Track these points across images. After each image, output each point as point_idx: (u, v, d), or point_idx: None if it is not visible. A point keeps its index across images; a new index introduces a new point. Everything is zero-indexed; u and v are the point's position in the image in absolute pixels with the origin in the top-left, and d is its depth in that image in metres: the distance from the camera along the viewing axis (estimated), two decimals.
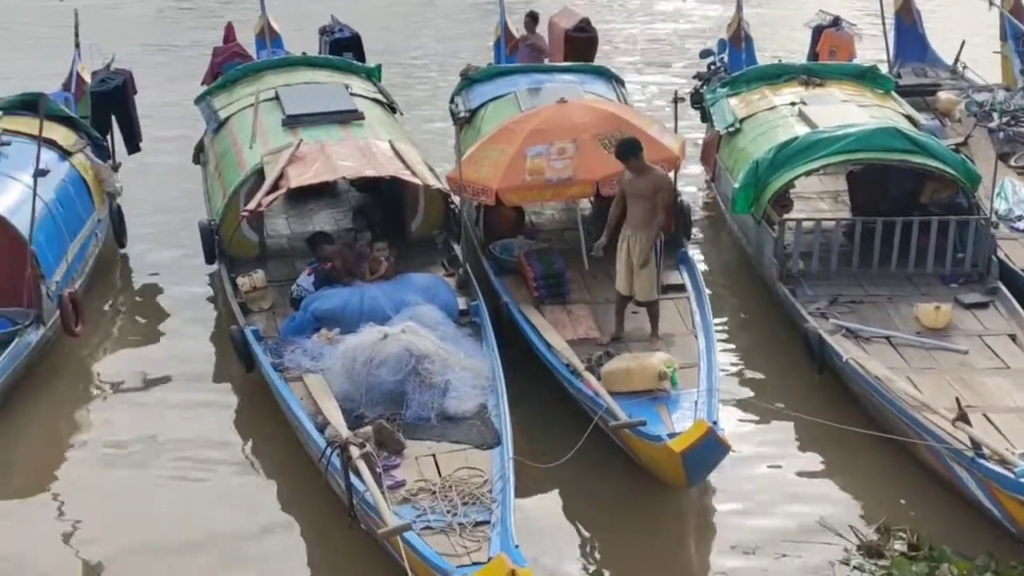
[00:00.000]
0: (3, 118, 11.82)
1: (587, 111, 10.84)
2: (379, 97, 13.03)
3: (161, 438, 9.41)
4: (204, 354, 10.75)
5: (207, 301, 11.75)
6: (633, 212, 9.39)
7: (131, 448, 9.29)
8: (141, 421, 9.69)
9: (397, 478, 7.79)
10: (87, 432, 9.65)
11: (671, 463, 7.86)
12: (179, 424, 9.61)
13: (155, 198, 13.92)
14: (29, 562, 8.02)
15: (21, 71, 17.88)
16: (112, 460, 9.17)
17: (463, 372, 8.82)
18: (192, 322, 11.36)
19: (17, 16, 23.27)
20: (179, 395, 10.09)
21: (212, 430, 9.53)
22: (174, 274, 12.31)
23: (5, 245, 9.98)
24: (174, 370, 10.48)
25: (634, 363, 8.88)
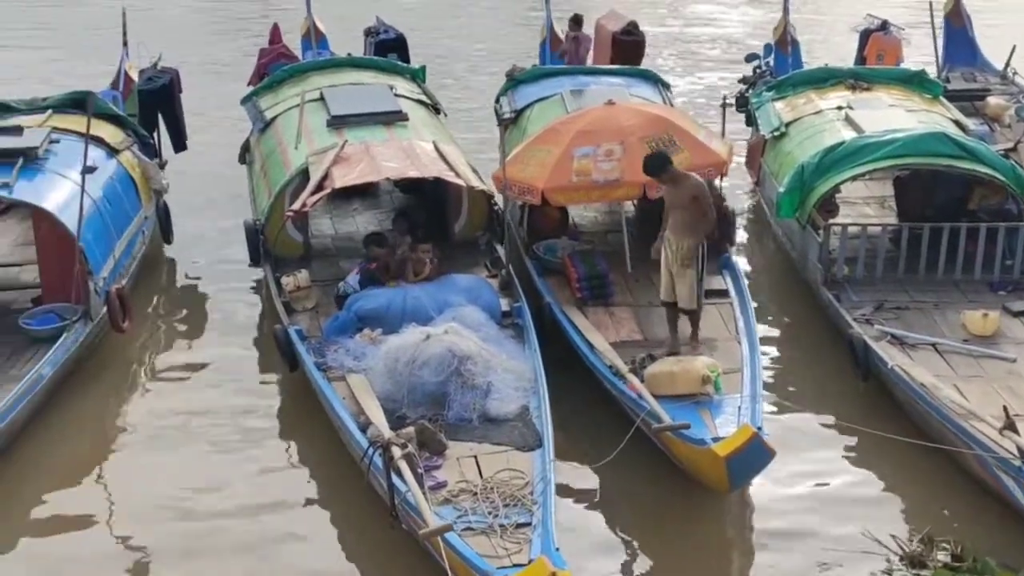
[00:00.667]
0: (52, 116, 11.94)
1: (635, 113, 10.84)
2: (423, 98, 13.09)
3: (205, 435, 9.48)
4: (248, 353, 10.82)
5: (251, 300, 11.83)
6: (672, 219, 9.33)
7: (175, 444, 9.37)
8: (185, 418, 9.77)
9: (439, 479, 7.80)
10: (132, 428, 9.72)
11: (714, 467, 7.82)
12: (223, 422, 9.67)
13: (201, 197, 14.03)
14: (74, 554, 8.12)
15: (69, 70, 18.13)
16: (155, 457, 9.24)
17: (505, 373, 8.82)
18: (236, 321, 11.45)
19: (66, 16, 23.59)
20: (223, 393, 10.15)
21: (255, 428, 9.58)
22: (219, 272, 12.40)
23: (54, 242, 10.09)
24: (218, 368, 10.57)
25: (678, 367, 8.85)
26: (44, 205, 10.15)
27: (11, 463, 8.91)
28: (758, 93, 13.63)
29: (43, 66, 19.39)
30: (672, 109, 12.35)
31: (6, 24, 22.94)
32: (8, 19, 23.44)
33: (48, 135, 11.10)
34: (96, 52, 18.30)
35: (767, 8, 23.37)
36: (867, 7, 17.89)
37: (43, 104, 12.33)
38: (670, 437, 8.24)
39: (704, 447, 7.91)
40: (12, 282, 11.18)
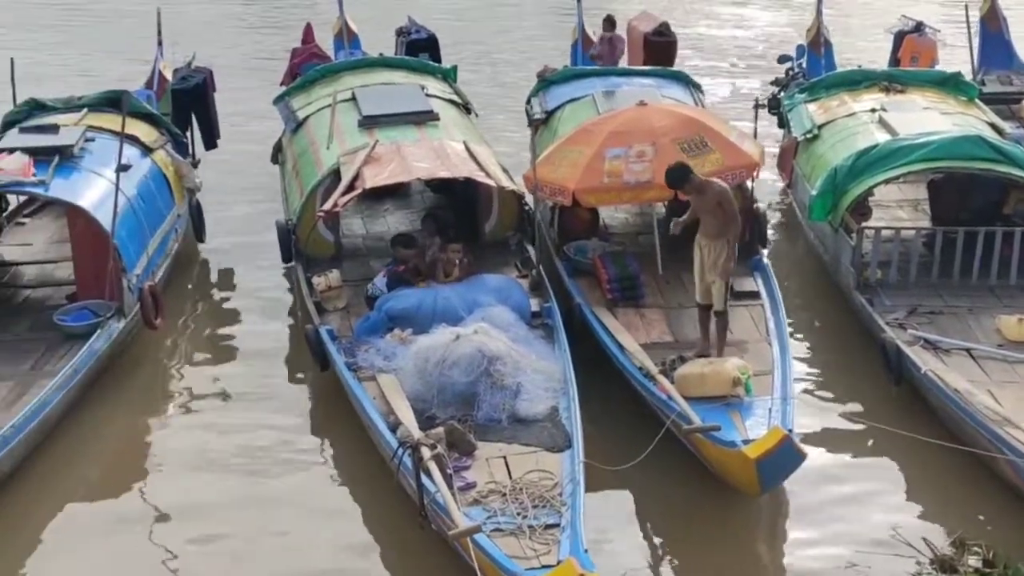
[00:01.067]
0: (88, 115, 12.05)
1: (667, 115, 10.81)
2: (454, 98, 13.09)
3: (235, 433, 9.53)
4: (279, 352, 10.87)
5: (283, 299, 11.88)
6: (704, 224, 9.27)
7: (205, 442, 9.42)
8: (216, 415, 9.85)
9: (468, 479, 7.81)
10: (163, 426, 9.80)
11: (745, 470, 7.80)
12: (253, 420, 9.71)
13: (233, 196, 14.10)
14: (105, 552, 8.20)
15: (104, 69, 18.27)
16: (186, 454, 9.30)
17: (535, 374, 8.82)
18: (268, 320, 11.50)
19: (102, 15, 23.78)
20: (253, 391, 10.20)
21: (286, 427, 9.62)
22: (251, 271, 12.47)
23: (89, 239, 10.19)
24: (249, 366, 10.63)
25: (708, 368, 8.82)
26: (79, 203, 10.25)
27: (45, 458, 8.99)
28: (791, 95, 13.55)
29: (78, 65, 19.56)
30: (703, 110, 12.31)
31: (42, 24, 23.14)
32: (44, 19, 23.65)
33: (83, 133, 11.21)
34: (130, 51, 18.43)
35: (799, 10, 23.23)
36: (902, 9, 17.75)
37: (79, 103, 12.44)
38: (700, 439, 8.22)
39: (734, 449, 7.88)
40: (47, 279, 11.30)
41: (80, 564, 8.08)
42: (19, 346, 9.83)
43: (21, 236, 12.36)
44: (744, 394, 8.64)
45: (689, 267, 10.54)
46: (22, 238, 12.31)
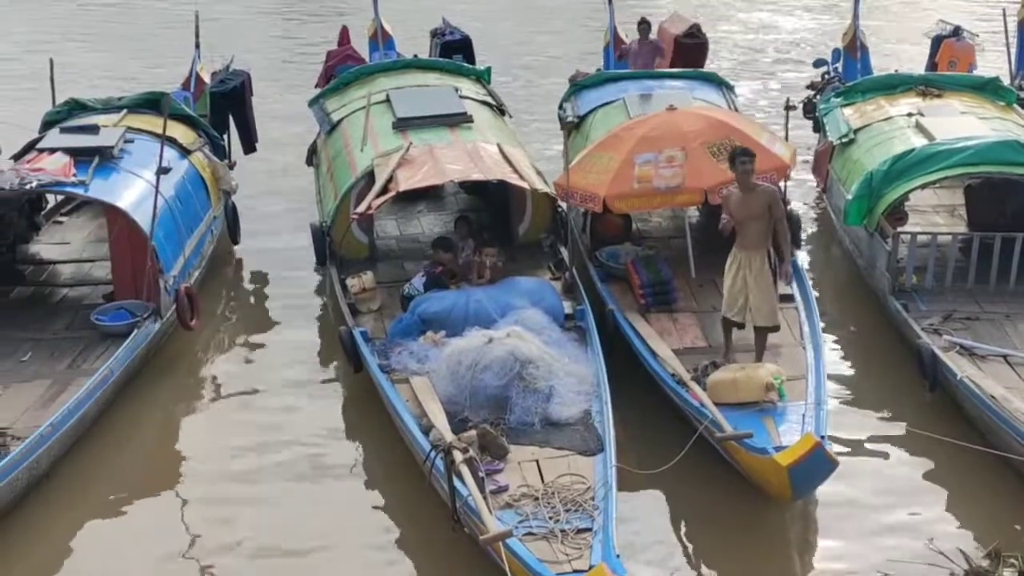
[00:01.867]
0: (127, 116, 12.17)
1: (696, 118, 10.76)
2: (488, 100, 13.10)
3: (268, 434, 9.54)
4: (313, 353, 10.90)
5: (316, 301, 11.92)
6: (747, 232, 9.08)
7: (239, 443, 9.44)
8: (250, 416, 9.88)
9: (500, 483, 7.80)
10: (198, 424, 9.85)
11: (777, 477, 7.74)
12: (286, 421, 9.73)
13: (268, 198, 14.17)
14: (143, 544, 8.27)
15: (140, 72, 18.43)
16: (220, 453, 9.33)
17: (567, 378, 8.80)
18: (301, 321, 11.52)
19: (139, 19, 24.00)
20: (287, 392, 10.22)
21: (319, 428, 9.64)
22: (285, 273, 12.50)
23: (127, 240, 10.28)
24: (283, 368, 10.65)
25: (741, 374, 8.77)
26: (119, 204, 10.34)
27: (82, 456, 9.07)
28: (826, 99, 13.46)
29: (116, 67, 19.73)
30: (734, 113, 12.23)
31: (80, 27, 23.39)
32: (82, 22, 23.90)
33: (123, 135, 11.31)
34: (167, 54, 18.57)
35: (836, 13, 23.09)
36: (939, 13, 17.61)
37: (118, 104, 12.58)
38: (733, 446, 8.17)
39: (766, 456, 7.83)
40: (84, 278, 11.43)
41: (115, 560, 8.13)
42: (57, 344, 9.93)
43: (59, 235, 12.51)
44: (777, 399, 8.59)
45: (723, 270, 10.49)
46: (60, 237, 12.46)
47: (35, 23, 23.42)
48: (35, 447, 8.30)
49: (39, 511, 8.47)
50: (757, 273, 9.11)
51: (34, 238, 12.29)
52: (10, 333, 10.07)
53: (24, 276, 11.43)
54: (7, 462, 8.04)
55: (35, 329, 10.22)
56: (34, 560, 8.04)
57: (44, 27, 22.88)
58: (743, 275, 9.15)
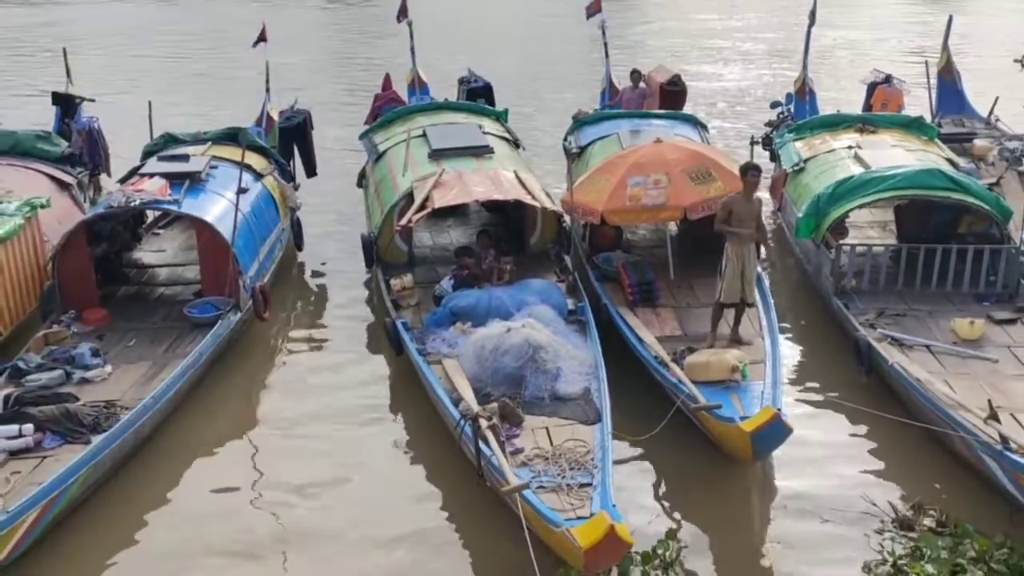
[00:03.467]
0: (211, 147, 12.23)
1: (678, 149, 10.82)
2: (506, 135, 13.14)
3: (326, 406, 9.61)
4: (363, 340, 10.95)
5: (365, 297, 11.97)
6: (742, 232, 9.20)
7: (302, 412, 9.50)
8: (310, 391, 9.92)
9: (517, 446, 7.86)
10: (270, 399, 9.90)
11: (741, 441, 7.80)
12: (341, 398, 9.77)
13: (326, 214, 14.19)
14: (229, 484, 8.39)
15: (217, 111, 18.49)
16: (288, 423, 9.38)
17: (571, 360, 8.86)
18: (353, 314, 11.57)
19: (217, 67, 24.09)
20: (343, 371, 10.27)
21: (367, 403, 9.68)
22: (340, 275, 12.55)
23: (212, 248, 10.35)
24: (338, 352, 10.70)
25: (713, 357, 8.81)
26: (206, 218, 10.41)
27: (178, 423, 9.16)
28: (781, 134, 13.47)
29: (199, 106, 19.80)
30: (709, 147, 12.24)
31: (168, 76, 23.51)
32: (171, 71, 24.01)
33: (208, 162, 11.39)
34: (242, 96, 18.64)
35: (789, 63, 23.09)
36: (873, 63, 17.55)
37: (204, 137, 12.64)
38: (705, 416, 8.22)
39: (733, 424, 7.89)
40: (178, 279, 11.49)
41: (209, 503, 8.20)
42: (156, 333, 10.02)
43: (157, 244, 12.59)
44: (741, 379, 8.62)
45: (696, 274, 10.59)
46: (157, 245, 12.54)
47: (133, 71, 23.55)
48: (140, 415, 8.40)
49: (144, 467, 8.57)
50: (752, 258, 9.24)
51: (136, 247, 12.37)
52: (118, 324, 10.17)
53: (128, 277, 11.51)
54: (118, 427, 8.15)
55: (138, 320, 10.31)
56: (138, 512, 8.12)
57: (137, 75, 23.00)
58: (742, 263, 9.20)
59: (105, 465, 8.05)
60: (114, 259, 11.62)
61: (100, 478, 8.06)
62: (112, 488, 8.21)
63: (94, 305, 10.35)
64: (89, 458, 7.78)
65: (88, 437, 8.04)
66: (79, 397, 8.63)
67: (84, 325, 10.06)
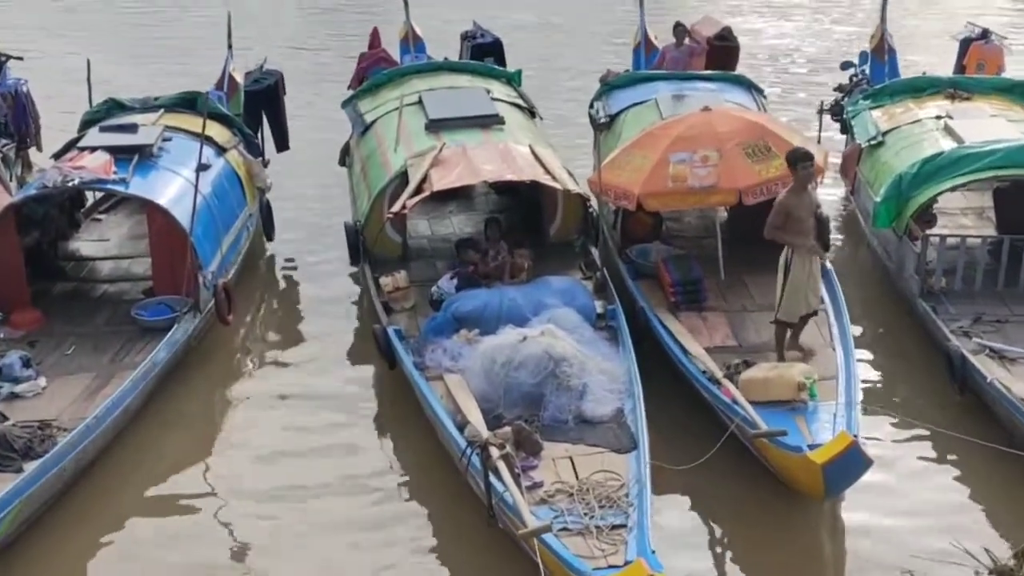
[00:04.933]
0: (164, 115, 12.25)
1: (732, 119, 10.79)
2: (519, 102, 13.12)
3: (302, 430, 9.61)
4: (346, 351, 10.97)
5: (349, 298, 11.99)
6: (805, 230, 9.15)
7: (274, 438, 9.51)
8: (284, 412, 9.95)
9: (535, 479, 7.86)
10: (235, 418, 9.95)
11: (810, 475, 7.78)
12: (321, 418, 9.78)
13: (302, 197, 14.22)
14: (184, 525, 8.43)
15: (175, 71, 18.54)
16: (257, 447, 9.41)
17: (600, 376, 8.86)
18: (335, 318, 11.58)
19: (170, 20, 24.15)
20: (321, 390, 10.27)
21: (353, 425, 9.70)
22: (318, 271, 12.57)
23: (166, 236, 10.37)
24: (317, 365, 10.72)
25: (773, 373, 8.81)
26: (159, 200, 10.42)
27: (126, 446, 9.18)
28: (854, 101, 13.44)
29: (150, 66, 19.85)
30: (767, 115, 12.22)
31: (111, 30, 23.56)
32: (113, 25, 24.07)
33: (161, 133, 11.41)
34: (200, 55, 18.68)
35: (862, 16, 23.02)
36: (968, 15, 17.50)
37: (156, 103, 12.65)
38: (765, 443, 8.21)
39: (800, 454, 7.87)
40: (124, 274, 11.53)
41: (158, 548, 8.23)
42: (99, 338, 10.04)
43: (98, 232, 12.62)
44: (809, 399, 8.62)
45: (752, 270, 10.55)
46: (99, 233, 12.57)
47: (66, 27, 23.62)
48: (81, 438, 8.41)
49: (86, 500, 8.58)
50: (817, 266, 9.23)
51: (74, 235, 12.39)
52: (54, 328, 10.20)
53: (65, 272, 11.54)
54: (55, 453, 8.16)
55: (78, 323, 10.34)
56: (81, 547, 8.15)
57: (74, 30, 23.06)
58: (806, 271, 9.17)
59: (40, 497, 8.08)
60: (48, 250, 11.62)
61: (34, 513, 8.08)
62: (48, 524, 8.23)
63: (25, 306, 10.38)
64: (22, 489, 7.81)
65: (19, 464, 8.07)
66: (7, 416, 8.65)
67: (13, 329, 10.09)
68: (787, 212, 9.13)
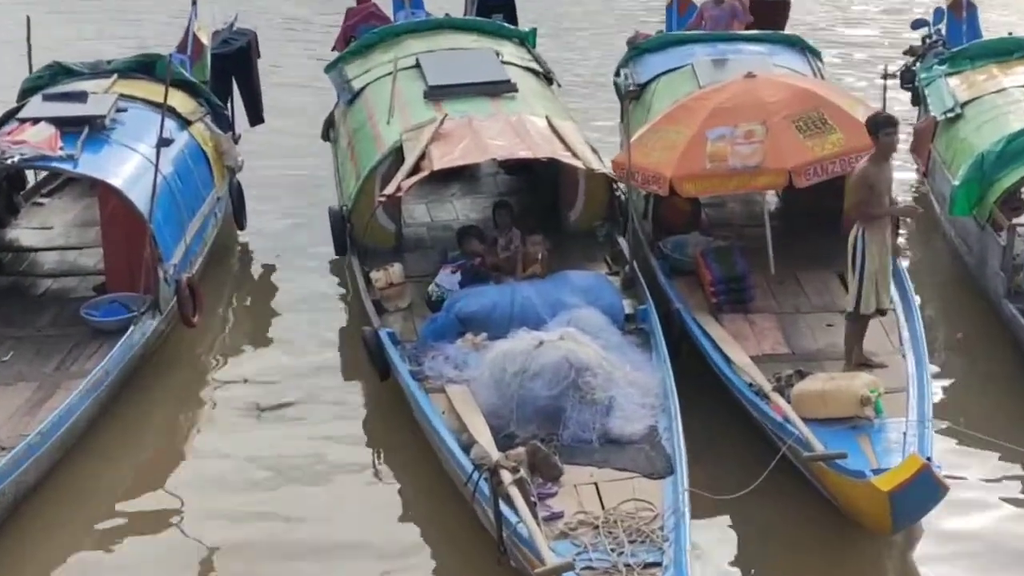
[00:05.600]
0: (118, 81, 12.29)
1: (780, 87, 10.79)
2: (534, 66, 13.17)
3: (281, 450, 9.62)
4: (331, 357, 11.02)
5: (334, 296, 12.04)
6: (881, 209, 9.16)
7: (247, 459, 9.51)
8: (259, 428, 9.97)
9: (553, 509, 7.83)
10: (200, 435, 9.97)
11: (875, 504, 7.75)
12: (301, 435, 9.80)
13: (278, 177, 14.31)
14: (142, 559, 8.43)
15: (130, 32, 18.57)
16: (226, 470, 9.41)
17: (629, 388, 8.85)
18: (317, 320, 11.64)
19: None
20: (302, 401, 10.28)
21: (339, 444, 9.70)
22: (298, 264, 12.65)
23: (121, 223, 10.41)
24: (297, 373, 10.72)
25: (831, 385, 8.78)
26: (113, 181, 10.43)
27: (74, 468, 9.18)
28: (928, 67, 13.46)
29: (101, 25, 19.89)
30: (823, 82, 12.26)
31: None
32: None
33: (115, 102, 11.43)
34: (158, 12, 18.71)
35: None
36: None
37: (108, 68, 12.72)
38: (822, 468, 8.19)
39: (863, 480, 7.84)
40: (71, 267, 11.57)
41: None
42: (42, 343, 10.07)
43: (40, 218, 12.66)
44: (874, 415, 8.60)
45: (806, 264, 10.55)
46: (41, 220, 12.60)
47: None
48: (22, 459, 8.41)
49: (27, 529, 8.57)
50: (889, 250, 9.25)
51: (12, 222, 12.42)
52: None
53: (2, 265, 11.59)
54: None
55: (17, 325, 10.36)
56: None
57: None
58: (882, 259, 9.18)
59: None
60: None
61: None
62: None
63: None
64: None
65: None
66: None
67: None
68: (869, 184, 9.09)
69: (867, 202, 9.08)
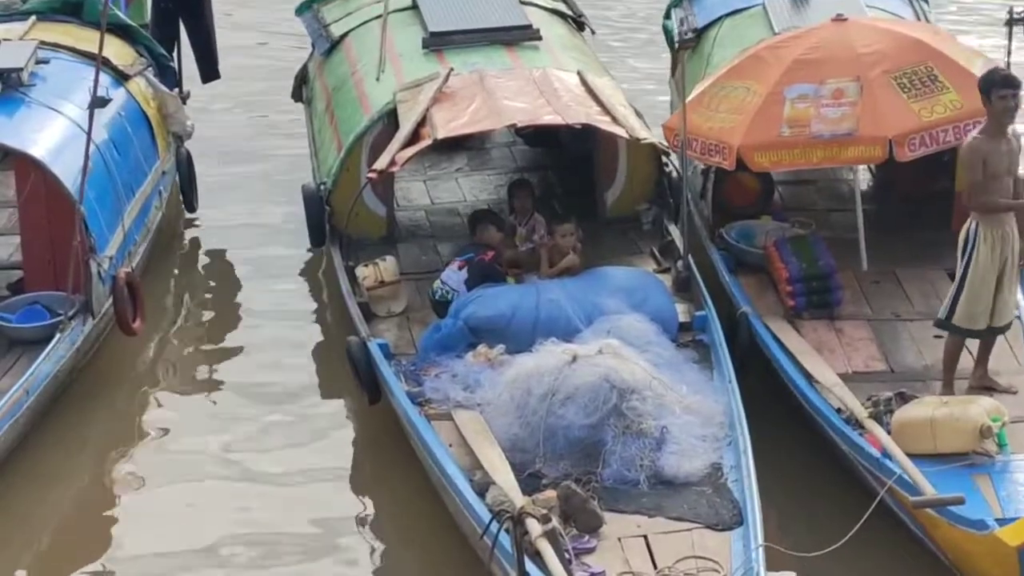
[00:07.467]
0: (36, 25, 12.32)
1: (878, 34, 10.84)
2: (561, 7, 13.25)
3: (242, 488, 9.71)
4: (305, 373, 11.09)
5: (311, 297, 12.14)
6: (1000, 194, 9.15)
7: (199, 502, 9.59)
8: (215, 458, 10.03)
9: (593, 569, 7.83)
10: (142, 469, 9.97)
11: (1000, 563, 7.78)
12: (268, 471, 9.86)
13: (238, 147, 14.36)
14: None
15: None
16: (173, 514, 9.44)
17: (687, 415, 8.87)
18: (288, 326, 11.75)
19: None
20: (269, 428, 10.37)
21: (317, 483, 9.75)
22: (263, 256, 12.74)
23: (43, 205, 10.44)
24: (262, 392, 10.81)
25: (941, 412, 8.78)
26: (32, 152, 10.44)
27: None
28: None
29: None
30: (931, 27, 12.25)
31: None
32: None
33: (34, 52, 11.43)
34: None
35: None
36: None
37: (24, 8, 12.80)
38: (932, 515, 8.21)
39: (985, 533, 7.86)
40: None
41: None
42: None
43: None
44: (996, 451, 8.62)
45: (908, 260, 10.57)
46: None
47: None
48: None
49: None
50: (1013, 251, 9.23)
51: None
52: None
53: None
54: None
55: None
56: None
57: None
58: (998, 259, 9.19)
59: None
60: None
61: None
62: None
63: None
64: None
65: None
66: None
67: None
68: (983, 158, 9.11)
69: (982, 186, 9.11)
